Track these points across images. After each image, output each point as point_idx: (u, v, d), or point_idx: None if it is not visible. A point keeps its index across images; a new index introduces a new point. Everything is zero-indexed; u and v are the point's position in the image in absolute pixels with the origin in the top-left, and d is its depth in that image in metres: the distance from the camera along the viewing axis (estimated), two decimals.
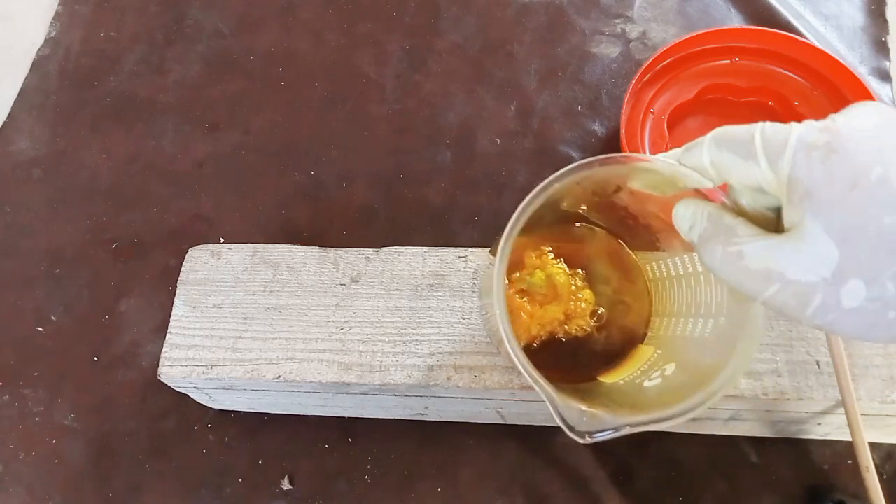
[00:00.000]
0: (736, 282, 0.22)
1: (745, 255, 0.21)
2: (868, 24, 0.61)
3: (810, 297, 0.20)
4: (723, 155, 0.23)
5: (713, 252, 0.23)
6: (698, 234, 0.24)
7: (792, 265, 0.20)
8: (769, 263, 0.21)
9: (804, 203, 0.20)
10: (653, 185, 0.27)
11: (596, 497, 0.44)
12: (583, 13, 0.64)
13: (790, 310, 0.21)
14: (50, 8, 0.70)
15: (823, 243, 0.19)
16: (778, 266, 0.20)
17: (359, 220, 0.55)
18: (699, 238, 0.24)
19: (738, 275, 0.22)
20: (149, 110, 0.62)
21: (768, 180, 0.21)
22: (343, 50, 0.64)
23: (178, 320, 0.42)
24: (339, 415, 0.47)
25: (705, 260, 0.23)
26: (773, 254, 0.21)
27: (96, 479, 0.47)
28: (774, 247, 0.21)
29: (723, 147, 0.23)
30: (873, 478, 0.35)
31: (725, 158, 0.22)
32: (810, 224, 0.20)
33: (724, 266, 0.22)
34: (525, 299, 0.36)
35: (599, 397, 0.31)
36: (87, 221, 0.57)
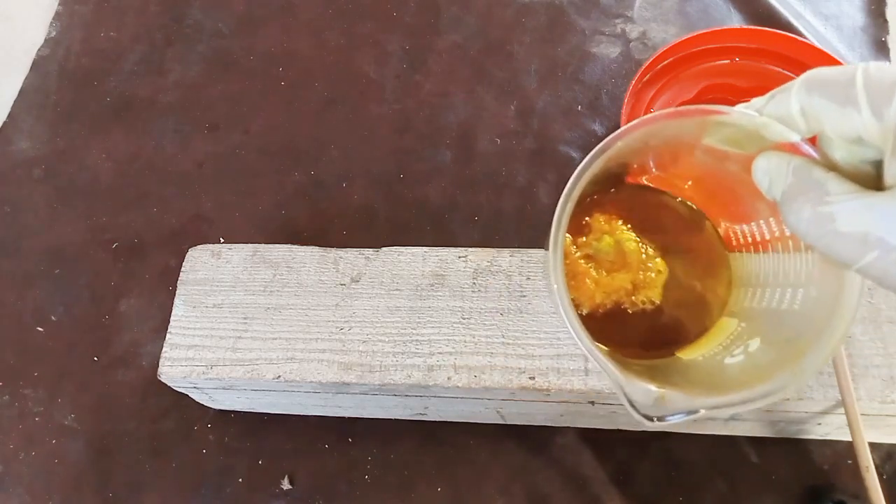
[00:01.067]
0: (826, 247, 0.19)
1: (838, 217, 0.19)
2: (868, 24, 0.61)
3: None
4: (815, 101, 0.20)
5: (799, 212, 0.20)
6: (782, 190, 0.21)
7: (893, 227, 0.17)
8: (867, 226, 0.18)
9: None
10: (732, 140, 0.24)
11: (596, 497, 0.44)
12: (583, 13, 0.64)
13: (891, 279, 0.18)
14: (50, 8, 0.70)
15: None
16: (878, 229, 0.18)
17: (359, 220, 0.55)
18: (783, 195, 0.21)
19: (828, 239, 0.19)
20: (149, 110, 0.62)
21: (869, 129, 0.18)
22: (343, 50, 0.64)
23: (178, 320, 0.42)
24: (339, 415, 0.47)
25: (790, 221, 0.20)
26: (873, 214, 0.18)
27: (96, 479, 0.47)
28: (874, 206, 0.18)
29: (815, 92, 0.20)
30: (873, 478, 0.35)
31: (818, 105, 0.20)
32: None
33: (812, 229, 0.19)
34: (591, 265, 0.33)
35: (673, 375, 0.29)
36: (87, 221, 0.57)
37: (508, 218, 0.54)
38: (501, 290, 0.41)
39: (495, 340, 0.39)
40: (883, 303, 0.38)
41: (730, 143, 0.24)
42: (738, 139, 0.23)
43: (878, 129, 0.18)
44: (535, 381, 0.37)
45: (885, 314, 0.38)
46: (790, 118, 0.21)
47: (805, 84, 0.20)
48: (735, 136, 0.23)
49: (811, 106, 0.20)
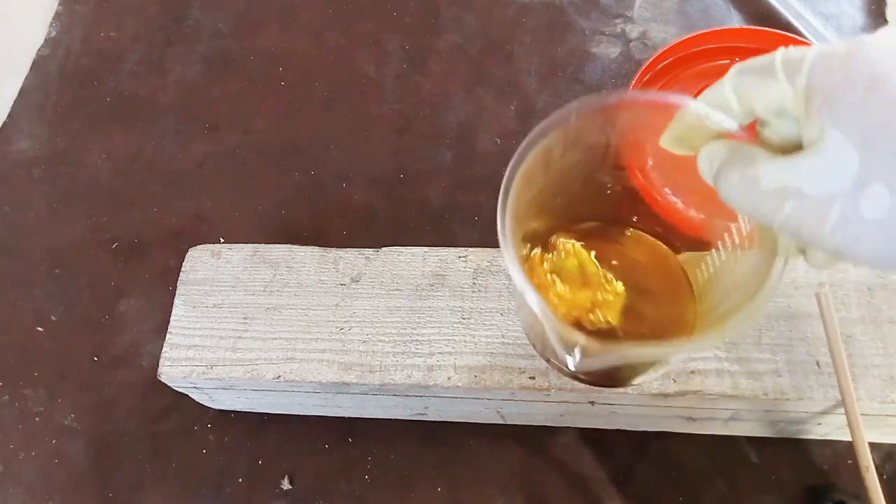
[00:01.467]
0: (752, 207, 0.21)
1: (761, 177, 0.21)
2: (868, 24, 0.61)
3: (828, 210, 0.19)
4: (743, 79, 0.22)
5: (729, 179, 0.22)
6: (717, 165, 0.23)
7: (808, 178, 0.19)
8: (784, 181, 0.20)
9: (822, 111, 0.19)
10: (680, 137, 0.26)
11: (596, 497, 0.44)
12: (583, 13, 0.64)
13: (808, 228, 0.20)
14: (50, 8, 0.70)
15: (842, 150, 0.19)
16: (793, 181, 0.20)
17: (359, 220, 0.55)
18: (718, 170, 0.23)
19: (753, 199, 0.21)
20: (149, 110, 0.62)
21: (787, 96, 0.21)
22: (343, 50, 0.64)
23: (178, 320, 0.42)
24: (339, 415, 0.47)
25: (722, 190, 0.22)
26: (789, 171, 0.20)
27: (96, 479, 0.47)
28: (790, 164, 0.20)
29: (743, 72, 0.22)
30: (873, 478, 0.35)
31: (745, 82, 0.22)
32: (828, 133, 0.19)
33: (740, 192, 0.22)
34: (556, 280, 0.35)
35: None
36: (87, 221, 0.57)
37: None
38: (501, 290, 0.41)
39: (495, 340, 0.39)
40: (883, 303, 0.38)
41: (678, 140, 0.26)
42: (686, 135, 0.25)
43: (794, 95, 0.20)
44: (535, 381, 0.37)
45: (885, 314, 0.38)
46: (726, 102, 0.23)
47: (736, 68, 0.23)
48: (682, 132, 0.25)
49: (741, 84, 0.22)
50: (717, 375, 0.37)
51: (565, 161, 0.29)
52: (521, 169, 0.27)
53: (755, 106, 0.22)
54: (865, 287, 0.39)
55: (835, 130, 0.19)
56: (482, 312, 0.40)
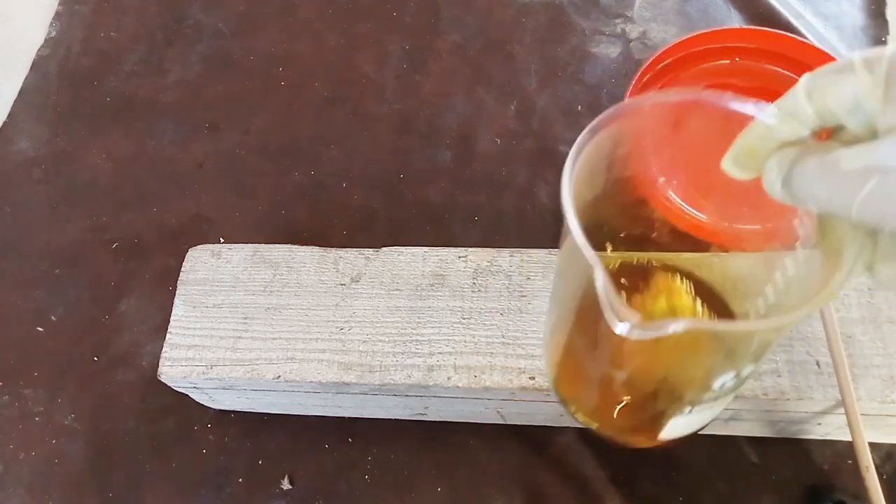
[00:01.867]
0: (829, 191, 0.21)
1: (842, 159, 0.20)
2: (868, 24, 0.61)
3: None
4: (818, 78, 0.22)
5: (805, 167, 0.21)
6: (790, 163, 0.22)
7: (893, 153, 0.19)
8: (868, 160, 0.20)
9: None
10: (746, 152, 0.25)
11: (596, 497, 0.44)
12: (583, 13, 0.64)
13: (890, 203, 0.19)
14: (50, 8, 0.70)
15: None
16: (878, 159, 0.19)
17: (359, 220, 0.55)
18: (791, 165, 0.22)
19: (832, 182, 0.20)
20: (149, 110, 0.62)
21: (865, 86, 0.20)
22: (343, 50, 0.64)
23: (178, 320, 0.42)
24: (339, 415, 0.47)
25: (797, 182, 0.22)
26: (871, 151, 0.20)
27: (96, 479, 0.47)
28: (873, 144, 0.20)
29: (818, 74, 0.22)
30: (873, 478, 0.35)
31: (820, 80, 0.22)
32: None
33: (816, 178, 0.21)
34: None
35: None
36: (87, 221, 0.57)
37: (508, 218, 0.54)
38: (501, 290, 0.41)
39: (495, 340, 0.39)
40: (883, 303, 0.38)
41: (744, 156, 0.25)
42: (753, 149, 0.24)
43: (871, 84, 0.20)
44: (535, 381, 0.37)
45: (885, 314, 0.38)
46: (798, 105, 0.22)
47: (810, 73, 0.22)
48: (751, 146, 0.24)
49: (814, 84, 0.22)
50: None
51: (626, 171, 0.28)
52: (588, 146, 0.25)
53: (829, 103, 0.22)
54: (865, 287, 0.39)
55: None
56: (482, 312, 0.40)
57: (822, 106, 0.22)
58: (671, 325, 0.22)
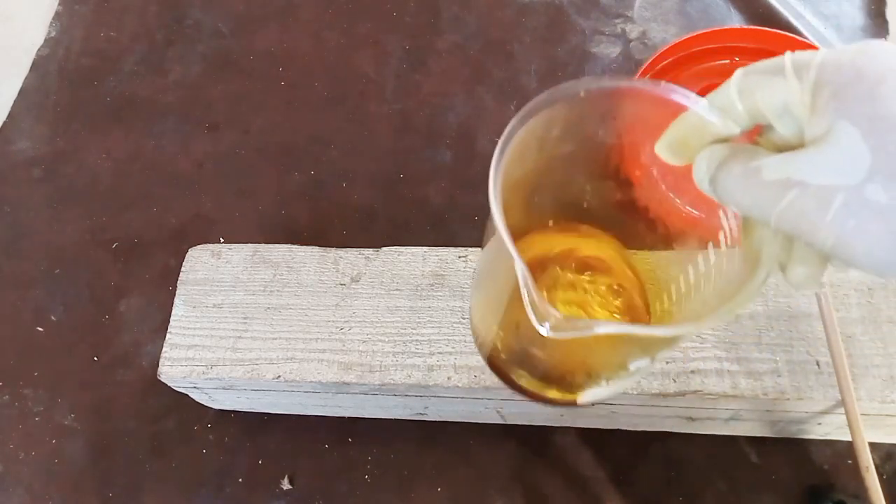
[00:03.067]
0: (751, 199, 0.21)
1: (764, 168, 0.20)
2: (868, 25, 0.61)
3: (832, 199, 0.19)
4: (749, 78, 0.22)
5: (730, 172, 0.22)
6: (717, 163, 0.22)
7: (813, 169, 0.19)
8: (788, 172, 0.20)
9: (829, 105, 0.19)
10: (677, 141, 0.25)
11: (596, 497, 0.44)
12: (583, 13, 0.64)
13: (808, 218, 0.19)
14: (50, 8, 0.70)
15: (850, 141, 0.19)
16: (797, 173, 0.20)
17: (359, 220, 0.55)
18: (717, 165, 0.22)
19: (754, 190, 0.21)
20: (149, 110, 0.62)
21: (794, 92, 0.21)
22: (343, 50, 0.64)
23: (178, 320, 0.42)
24: (339, 415, 0.47)
25: (720, 184, 0.22)
26: (793, 162, 0.20)
27: (96, 479, 0.47)
28: (794, 156, 0.20)
29: (750, 73, 0.22)
30: (873, 478, 0.35)
31: (751, 80, 0.22)
32: (836, 125, 0.19)
33: (739, 185, 0.21)
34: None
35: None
36: (87, 221, 0.57)
37: None
38: None
39: None
40: (883, 303, 0.38)
41: (676, 145, 0.25)
42: (684, 140, 0.25)
43: (799, 91, 0.21)
44: None
45: (885, 314, 0.38)
46: (729, 103, 0.23)
47: (742, 70, 0.23)
48: (682, 137, 0.25)
49: (746, 83, 0.22)
50: (717, 375, 0.37)
51: (559, 149, 0.29)
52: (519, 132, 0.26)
53: (759, 104, 0.22)
54: (865, 287, 0.39)
55: (843, 122, 0.19)
56: None
57: (753, 106, 0.22)
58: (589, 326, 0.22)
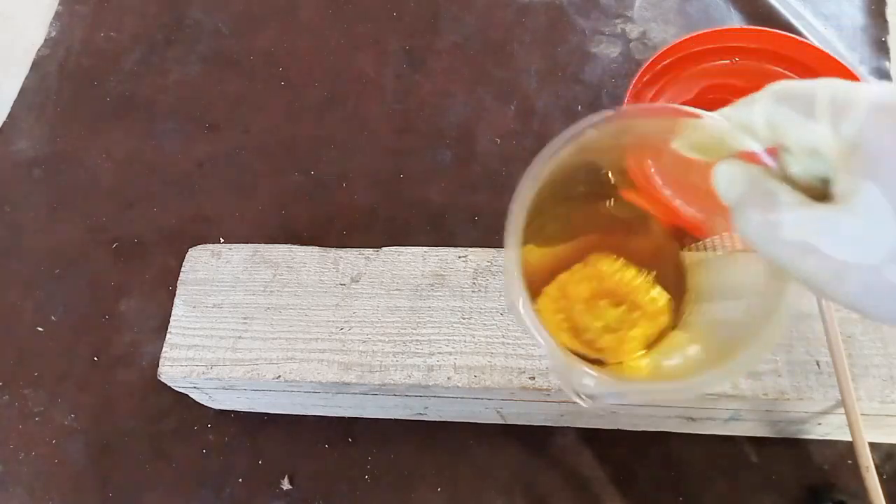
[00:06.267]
0: (770, 252, 0.20)
1: (783, 225, 0.19)
2: (868, 24, 0.61)
3: (849, 276, 0.18)
4: (780, 111, 0.21)
5: (749, 218, 0.21)
6: (736, 197, 0.21)
7: (834, 238, 0.18)
8: (808, 236, 0.19)
9: (865, 167, 0.18)
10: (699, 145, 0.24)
11: (596, 497, 0.44)
12: (583, 13, 0.64)
13: (827, 287, 0.19)
14: (50, 8, 0.70)
15: (879, 211, 0.18)
16: (816, 237, 0.19)
17: (359, 220, 0.55)
18: (737, 202, 0.21)
19: (773, 246, 0.20)
20: (149, 110, 0.62)
21: (827, 142, 0.19)
22: (343, 50, 0.64)
23: (178, 320, 0.42)
24: (339, 415, 0.47)
25: (740, 226, 0.21)
26: (814, 225, 0.19)
27: (96, 479, 0.47)
28: (816, 216, 0.19)
29: (782, 102, 0.21)
30: (873, 478, 0.35)
31: (782, 115, 0.21)
32: (865, 191, 0.18)
33: (759, 235, 0.20)
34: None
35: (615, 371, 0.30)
36: (87, 221, 0.57)
37: None
38: (501, 290, 0.41)
39: (495, 340, 0.39)
40: None
41: (696, 148, 0.24)
42: (705, 145, 0.24)
43: (835, 143, 0.19)
44: (535, 381, 0.37)
45: None
46: (753, 126, 0.22)
47: (773, 95, 0.21)
48: (702, 142, 0.24)
49: (776, 115, 0.21)
50: None
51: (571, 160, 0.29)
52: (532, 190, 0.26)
53: (787, 142, 0.21)
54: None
55: (875, 190, 0.18)
56: (482, 312, 0.40)
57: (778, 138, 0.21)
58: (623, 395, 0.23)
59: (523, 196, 0.25)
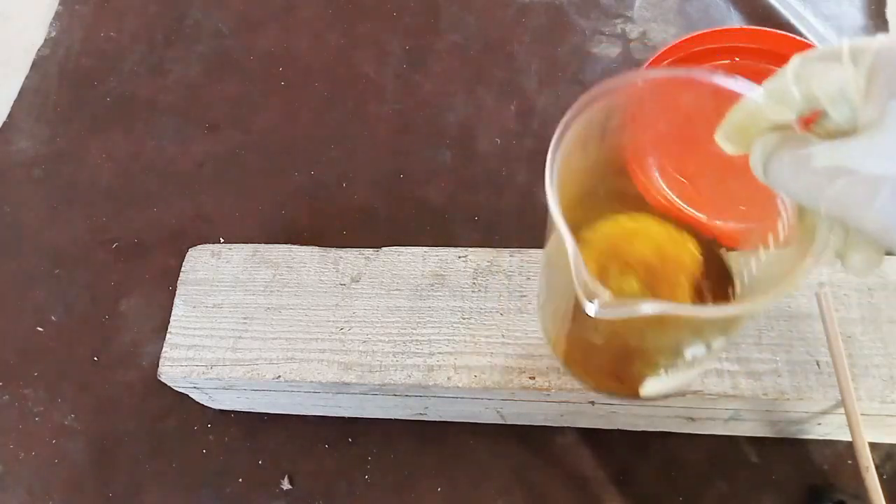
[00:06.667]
0: (801, 187, 0.21)
1: (814, 156, 0.21)
2: (868, 25, 0.61)
3: (879, 187, 0.19)
4: (806, 64, 0.22)
5: (781, 159, 0.22)
6: (769, 150, 0.23)
7: (862, 156, 0.19)
8: (838, 159, 0.20)
9: (884, 90, 0.19)
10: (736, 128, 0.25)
11: (596, 497, 0.44)
12: (583, 13, 0.64)
13: (855, 206, 0.19)
14: (50, 8, 0.70)
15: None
16: (846, 159, 0.20)
17: (359, 220, 0.55)
18: (769, 153, 0.23)
19: (803, 178, 0.21)
20: (149, 110, 0.62)
21: (850, 77, 0.21)
22: (343, 50, 0.64)
23: (178, 320, 0.42)
24: (339, 415, 0.47)
25: (772, 172, 0.22)
26: (843, 149, 0.20)
27: (96, 479, 0.47)
28: (844, 143, 0.20)
29: (807, 59, 0.22)
30: (873, 478, 0.35)
31: (808, 66, 0.22)
32: (889, 110, 0.19)
33: (790, 172, 0.21)
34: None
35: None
36: (87, 221, 0.57)
37: (508, 218, 0.54)
38: (501, 290, 0.41)
39: (495, 340, 0.39)
40: (883, 303, 0.38)
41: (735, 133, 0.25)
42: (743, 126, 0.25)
43: (855, 77, 0.21)
44: (535, 381, 0.37)
45: (885, 314, 0.38)
46: (786, 89, 0.23)
47: (800, 56, 0.23)
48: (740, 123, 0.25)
49: (802, 69, 0.22)
50: (717, 375, 0.37)
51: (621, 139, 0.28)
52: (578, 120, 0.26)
53: (815, 90, 0.22)
54: (865, 287, 0.39)
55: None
56: (482, 312, 0.40)
57: (808, 91, 0.22)
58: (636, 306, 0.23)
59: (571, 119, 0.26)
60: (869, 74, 0.20)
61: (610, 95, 0.26)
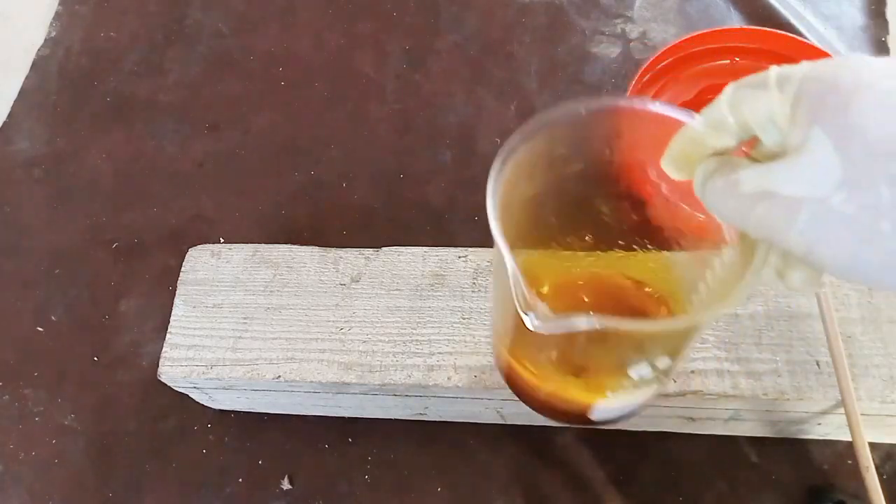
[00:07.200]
0: (730, 211, 0.22)
1: (741, 181, 0.22)
2: (868, 24, 0.61)
3: (799, 209, 0.20)
4: (738, 92, 0.23)
5: (714, 184, 0.23)
6: (707, 175, 0.23)
7: (783, 179, 0.20)
8: (762, 184, 0.21)
9: (806, 116, 0.20)
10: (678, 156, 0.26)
11: (596, 497, 0.44)
12: (583, 13, 0.64)
13: (777, 228, 0.20)
14: (50, 8, 0.70)
15: (822, 150, 0.19)
16: (769, 183, 0.21)
17: (359, 220, 0.55)
18: (706, 178, 0.23)
19: (732, 203, 0.22)
20: (149, 110, 0.62)
21: (776, 103, 0.21)
22: (343, 50, 0.64)
23: (178, 320, 0.42)
24: (339, 415, 0.47)
25: (708, 197, 0.23)
26: (767, 173, 0.21)
27: (96, 479, 0.47)
28: (769, 167, 0.21)
29: (739, 87, 0.23)
30: (873, 478, 0.35)
31: (740, 94, 0.23)
32: (810, 136, 0.20)
33: (721, 197, 0.22)
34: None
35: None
36: (87, 221, 0.57)
37: None
38: None
39: None
40: (883, 303, 0.38)
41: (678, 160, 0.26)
42: (685, 154, 0.26)
43: (781, 103, 0.21)
44: None
45: (885, 314, 0.38)
46: (721, 117, 0.24)
47: (734, 84, 0.23)
48: (682, 151, 0.26)
49: (735, 97, 0.23)
50: (717, 375, 0.37)
51: (569, 168, 0.29)
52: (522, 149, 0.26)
53: (747, 116, 0.23)
54: (865, 287, 0.39)
55: (817, 132, 0.20)
56: (482, 312, 0.40)
57: (742, 118, 0.23)
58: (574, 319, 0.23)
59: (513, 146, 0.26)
60: (794, 101, 0.21)
61: (552, 127, 0.27)
